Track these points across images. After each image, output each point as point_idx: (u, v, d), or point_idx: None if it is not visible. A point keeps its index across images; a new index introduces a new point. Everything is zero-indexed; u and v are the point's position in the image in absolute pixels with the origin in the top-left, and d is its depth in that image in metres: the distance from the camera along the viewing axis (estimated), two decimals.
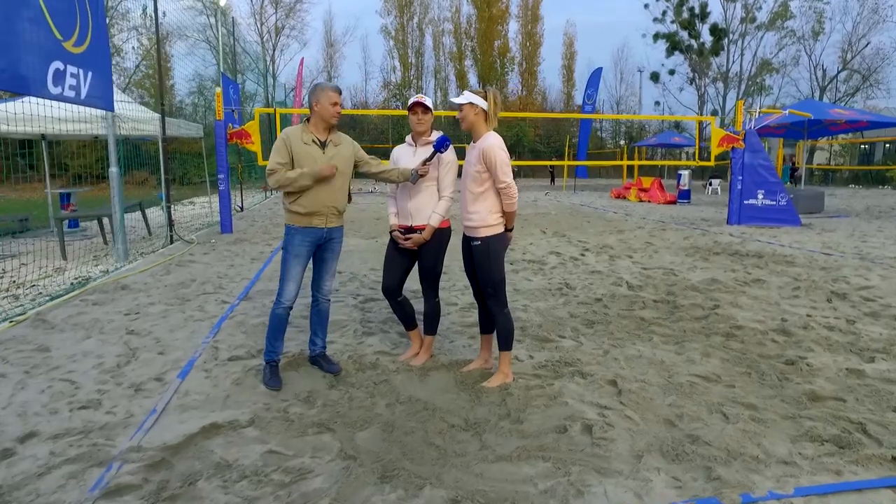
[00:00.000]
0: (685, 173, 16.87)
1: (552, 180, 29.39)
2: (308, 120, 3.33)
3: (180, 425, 2.81)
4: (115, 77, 33.71)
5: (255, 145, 9.97)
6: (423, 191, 3.46)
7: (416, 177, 3.37)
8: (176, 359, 3.72)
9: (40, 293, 5.63)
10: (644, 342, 4.10)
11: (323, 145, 3.31)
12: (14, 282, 6.33)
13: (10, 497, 2.21)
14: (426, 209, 3.45)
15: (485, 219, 3.20)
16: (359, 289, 5.83)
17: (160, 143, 8.39)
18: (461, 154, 3.41)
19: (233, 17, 15.77)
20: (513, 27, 46.08)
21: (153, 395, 3.16)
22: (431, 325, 3.70)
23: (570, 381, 3.39)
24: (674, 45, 39.30)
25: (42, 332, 4.26)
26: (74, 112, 7.99)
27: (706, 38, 38.61)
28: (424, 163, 3.35)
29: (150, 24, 33.79)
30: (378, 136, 41.10)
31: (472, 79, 45.22)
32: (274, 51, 40.89)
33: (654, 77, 40.90)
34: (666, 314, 4.83)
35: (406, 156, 3.54)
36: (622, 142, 35.11)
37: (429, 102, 3.42)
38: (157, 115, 8.90)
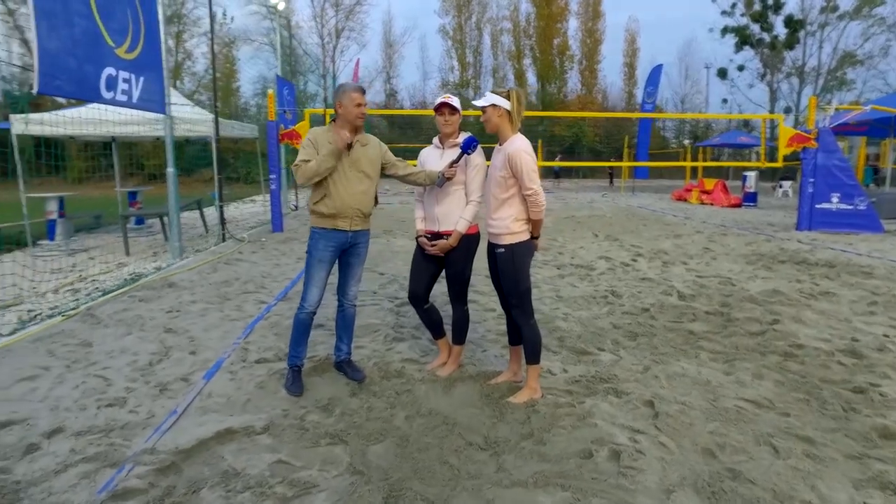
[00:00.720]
0: (752, 175, 15.86)
1: (611, 181, 28.51)
2: (335, 121, 3.27)
3: (198, 428, 2.80)
4: (186, 80, 35.49)
5: None
6: (450, 195, 3.32)
7: (443, 180, 3.23)
8: (205, 359, 3.76)
9: (97, 288, 5.89)
10: (690, 359, 3.79)
11: (348, 146, 3.23)
12: (80, 276, 6.68)
13: (25, 493, 2.25)
14: (453, 214, 3.31)
15: (509, 226, 3.03)
16: (397, 291, 5.76)
17: (213, 144, 8.66)
18: (490, 156, 3.25)
19: (288, 20, 16.15)
20: (572, 24, 44.97)
21: (177, 396, 3.18)
22: (460, 335, 3.56)
23: (604, 399, 3.16)
24: (743, 39, 37.24)
25: (89, 326, 4.42)
26: (138, 115, 8.39)
27: (780, 30, 36.34)
28: (451, 165, 3.21)
29: (219, 29, 35.49)
30: (435, 134, 41.18)
31: (531, 78, 44.60)
32: (334, 52, 41.83)
33: (722, 73, 38.93)
34: (718, 328, 4.47)
35: (433, 158, 3.42)
36: (686, 141, 33.57)
37: (456, 103, 3.28)
38: (211, 116, 9.18)
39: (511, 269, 3.06)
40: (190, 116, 9.01)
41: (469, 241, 3.34)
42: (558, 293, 5.69)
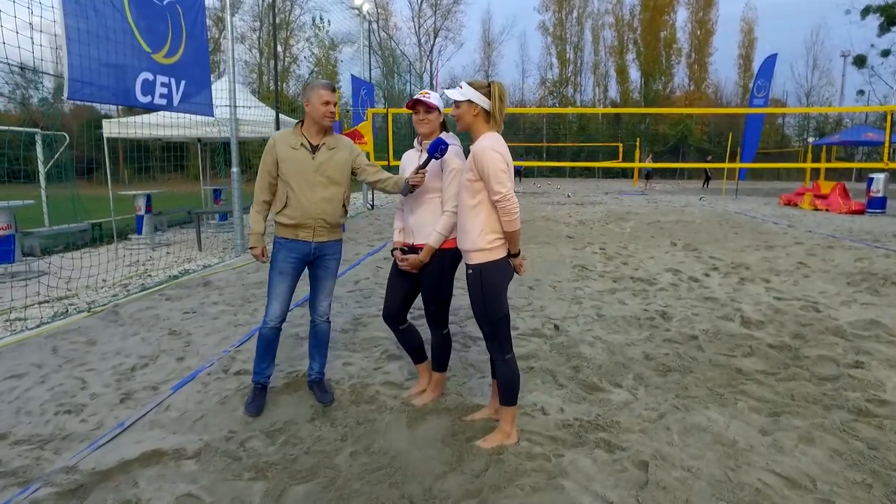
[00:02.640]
0: (880, 177, 13.61)
1: (705, 183, 26.06)
2: (303, 121, 3.01)
3: (133, 446, 2.65)
4: (291, 83, 37.58)
5: (367, 145, 10.11)
6: (424, 203, 2.92)
7: (408, 188, 2.84)
8: (187, 366, 3.66)
9: (143, 284, 6.13)
10: (723, 407, 3.09)
11: (314, 149, 2.95)
12: (145, 270, 7.04)
13: None
14: (428, 225, 2.91)
15: (475, 241, 2.58)
16: None
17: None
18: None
19: (370, 21, 16.39)
20: (681, 16, 42.21)
21: (136, 407, 3.07)
22: (440, 361, 3.16)
23: (589, 454, 2.61)
24: (891, 20, 32.50)
25: (105, 324, 4.53)
26: (218, 118, 8.77)
27: None
28: (417, 170, 2.81)
29: (321, 34, 37.30)
30: (534, 134, 40.56)
31: (634, 73, 42.38)
32: (431, 52, 42.35)
33: (860, 61, 34.25)
34: (776, 367, 3.67)
35: (412, 162, 3.03)
36: (810, 139, 29.96)
37: (433, 99, 2.87)
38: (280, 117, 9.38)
39: (479, 293, 2.61)
40: (254, 118, 9.29)
41: (444, 257, 2.92)
42: (600, 311, 5.06)
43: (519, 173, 28.92)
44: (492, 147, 2.48)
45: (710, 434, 2.78)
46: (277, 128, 8.86)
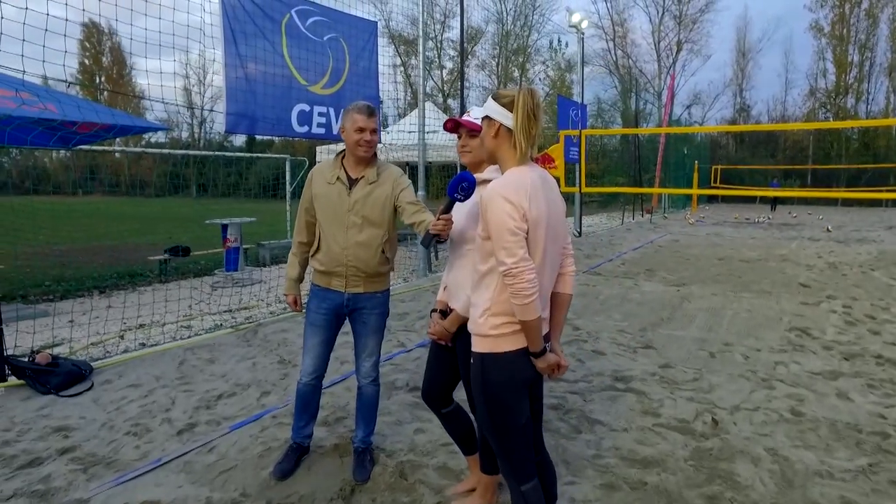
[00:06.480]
0: None
1: None
2: (344, 152, 2.63)
3: (152, 489, 2.57)
4: None
5: (558, 170, 9.40)
6: (462, 256, 2.26)
7: (430, 239, 2.18)
8: (263, 404, 3.55)
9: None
10: None
11: (351, 184, 2.54)
12: None
13: None
14: (465, 285, 2.23)
15: (477, 322, 1.82)
16: (577, 352, 4.53)
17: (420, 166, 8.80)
18: None
19: (581, 37, 15.54)
20: None
21: (186, 442, 3.03)
22: (486, 461, 2.42)
23: None
24: None
25: (236, 343, 4.78)
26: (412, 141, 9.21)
27: None
28: (439, 215, 2.15)
29: (556, 56, 37.61)
30: (796, 154, 34.40)
31: None
32: (672, 67, 39.03)
33: None
34: None
35: (460, 204, 2.39)
36: None
37: (474, 119, 2.19)
38: None
39: (479, 392, 1.84)
40: (441, 142, 9.42)
41: None
42: (798, 406, 3.58)
43: (774, 202, 24.47)
44: (503, 193, 1.71)
45: None
46: (423, 154, 8.82)
